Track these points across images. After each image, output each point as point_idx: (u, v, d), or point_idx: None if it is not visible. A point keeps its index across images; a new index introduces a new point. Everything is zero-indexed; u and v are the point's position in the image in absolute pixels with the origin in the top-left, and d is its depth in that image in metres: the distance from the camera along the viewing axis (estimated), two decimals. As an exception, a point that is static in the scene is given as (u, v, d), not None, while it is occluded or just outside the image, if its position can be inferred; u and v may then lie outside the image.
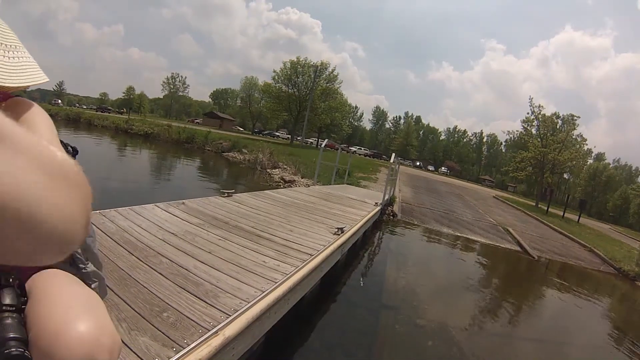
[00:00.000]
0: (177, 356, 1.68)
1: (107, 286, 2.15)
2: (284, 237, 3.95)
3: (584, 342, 5.46)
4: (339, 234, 4.46)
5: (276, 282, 2.69)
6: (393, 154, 11.18)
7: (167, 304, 2.14)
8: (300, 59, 44.61)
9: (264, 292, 2.50)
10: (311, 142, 56.38)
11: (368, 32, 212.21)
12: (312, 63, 44.64)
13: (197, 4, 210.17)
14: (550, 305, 6.97)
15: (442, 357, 3.84)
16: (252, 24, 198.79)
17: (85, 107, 72.33)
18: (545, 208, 25.92)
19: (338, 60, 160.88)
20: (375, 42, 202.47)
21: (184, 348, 1.75)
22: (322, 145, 11.62)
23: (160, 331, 1.86)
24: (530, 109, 31.96)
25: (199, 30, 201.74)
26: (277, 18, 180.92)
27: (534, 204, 30.89)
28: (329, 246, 3.90)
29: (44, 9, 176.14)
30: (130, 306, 2.04)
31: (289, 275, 2.87)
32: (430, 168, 77.12)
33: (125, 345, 1.71)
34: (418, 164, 77.84)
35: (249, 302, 2.31)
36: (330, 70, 45.77)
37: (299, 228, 4.49)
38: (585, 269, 10.66)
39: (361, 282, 5.43)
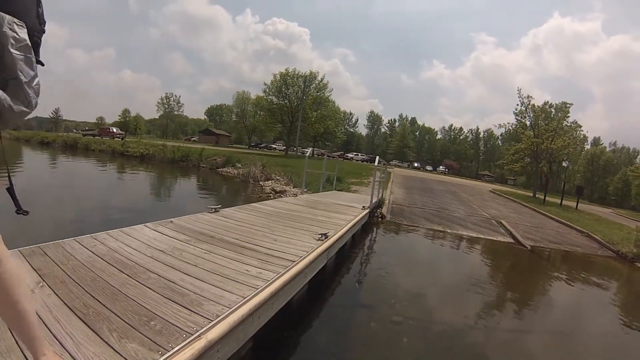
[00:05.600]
0: (162, 358, 1.90)
1: (98, 300, 2.39)
2: (267, 246, 4.16)
3: (575, 329, 5.49)
4: (322, 240, 4.68)
5: (258, 289, 2.90)
6: (377, 157, 11.32)
7: (155, 313, 2.36)
8: (289, 70, 45.27)
9: (245, 298, 2.71)
10: (312, 153, 56.88)
11: (357, 36, 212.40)
12: (301, 74, 45.29)
13: (183, 21, 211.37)
14: (541, 294, 7.00)
15: (429, 352, 3.99)
16: (241, 37, 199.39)
17: (82, 132, 72.72)
18: (543, 198, 26.04)
19: (329, 67, 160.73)
20: (364, 47, 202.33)
21: (169, 351, 1.96)
22: (307, 154, 11.85)
23: (147, 338, 2.08)
24: (520, 100, 32.15)
25: (188, 48, 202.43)
26: (265, 29, 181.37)
27: (532, 194, 31.06)
28: (312, 252, 4.11)
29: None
30: (120, 318, 2.26)
31: (270, 282, 3.08)
32: (429, 168, 77.48)
33: (116, 351, 1.93)
34: (416, 165, 78.22)
35: (230, 308, 2.52)
36: (319, 79, 46.42)
37: (283, 237, 4.70)
38: (582, 255, 10.63)
39: (355, 285, 5.60)
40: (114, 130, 51.31)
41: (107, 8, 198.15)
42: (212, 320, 2.33)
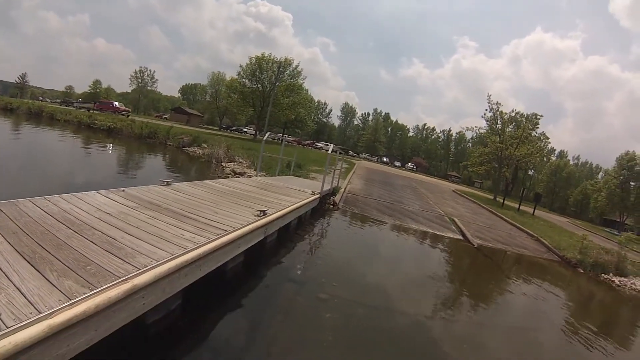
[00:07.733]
0: (91, 293, 2.36)
1: (45, 248, 2.79)
2: (207, 217, 4.62)
3: (496, 322, 5.86)
4: (261, 216, 5.17)
5: (186, 249, 3.37)
6: (332, 145, 11.53)
7: (92, 261, 2.81)
8: (265, 55, 45.19)
9: (173, 255, 3.18)
10: (278, 138, 57.04)
11: (340, 27, 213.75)
12: (276, 59, 45.37)
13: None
14: (473, 287, 7.41)
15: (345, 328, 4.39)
16: (221, 16, 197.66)
17: (49, 100, 70.57)
18: (503, 202, 27.11)
19: (309, 54, 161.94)
20: (347, 38, 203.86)
21: (98, 288, 2.43)
22: (264, 138, 12.20)
23: (82, 277, 2.54)
24: (489, 106, 33.09)
25: (167, 22, 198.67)
26: (247, 10, 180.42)
27: (493, 197, 32.32)
28: (248, 225, 4.59)
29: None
30: (62, 262, 2.71)
31: (199, 245, 3.55)
32: (397, 164, 78.75)
33: (54, 286, 2.38)
34: (385, 159, 79.35)
35: (158, 261, 2.99)
36: (293, 66, 46.66)
37: (225, 211, 5.18)
38: (527, 256, 11.14)
39: (292, 263, 5.98)
40: (117, 105, 42.17)
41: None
42: (140, 269, 2.79)
